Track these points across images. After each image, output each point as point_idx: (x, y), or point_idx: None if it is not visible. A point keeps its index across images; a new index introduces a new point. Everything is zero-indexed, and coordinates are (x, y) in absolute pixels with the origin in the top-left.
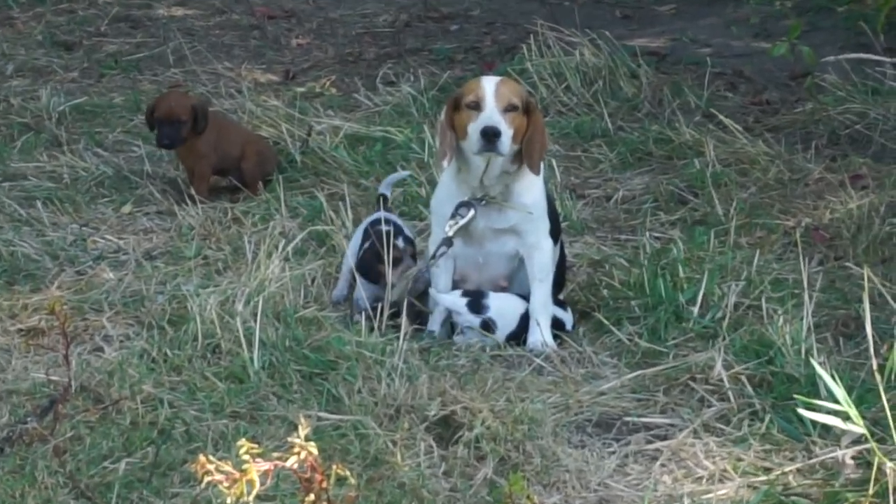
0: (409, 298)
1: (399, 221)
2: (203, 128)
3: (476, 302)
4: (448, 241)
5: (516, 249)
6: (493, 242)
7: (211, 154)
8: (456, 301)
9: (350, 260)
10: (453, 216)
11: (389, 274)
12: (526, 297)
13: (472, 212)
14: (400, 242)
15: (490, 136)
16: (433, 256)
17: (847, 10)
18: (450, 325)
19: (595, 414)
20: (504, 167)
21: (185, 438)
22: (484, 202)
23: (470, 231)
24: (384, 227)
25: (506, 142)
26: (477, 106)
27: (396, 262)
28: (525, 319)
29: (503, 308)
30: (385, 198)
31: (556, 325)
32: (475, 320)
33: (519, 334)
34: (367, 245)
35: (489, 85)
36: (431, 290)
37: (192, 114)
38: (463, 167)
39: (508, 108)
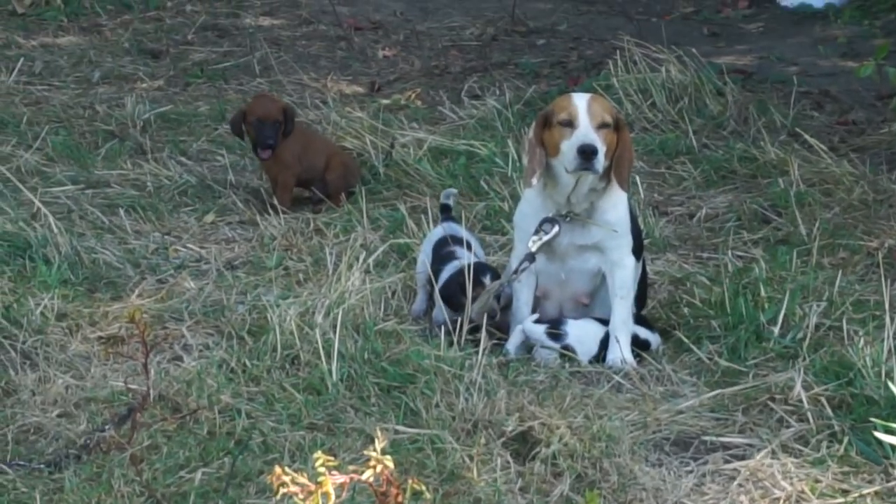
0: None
1: (468, 234)
2: (290, 130)
3: (555, 330)
4: (531, 257)
5: (599, 266)
6: (576, 259)
7: (295, 164)
8: (535, 330)
9: (422, 274)
10: (537, 232)
11: (469, 301)
12: (606, 319)
13: (556, 228)
14: (487, 280)
15: (588, 154)
16: (515, 271)
17: None
18: (526, 346)
19: (673, 432)
20: (592, 184)
21: (261, 449)
22: (569, 219)
23: (553, 247)
24: (459, 250)
25: (601, 159)
26: (570, 123)
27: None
28: (605, 344)
29: (582, 335)
30: (448, 207)
31: (641, 344)
32: (555, 346)
33: (600, 356)
34: (453, 273)
35: (581, 102)
36: (513, 319)
37: (283, 115)
38: (550, 184)
39: (601, 126)
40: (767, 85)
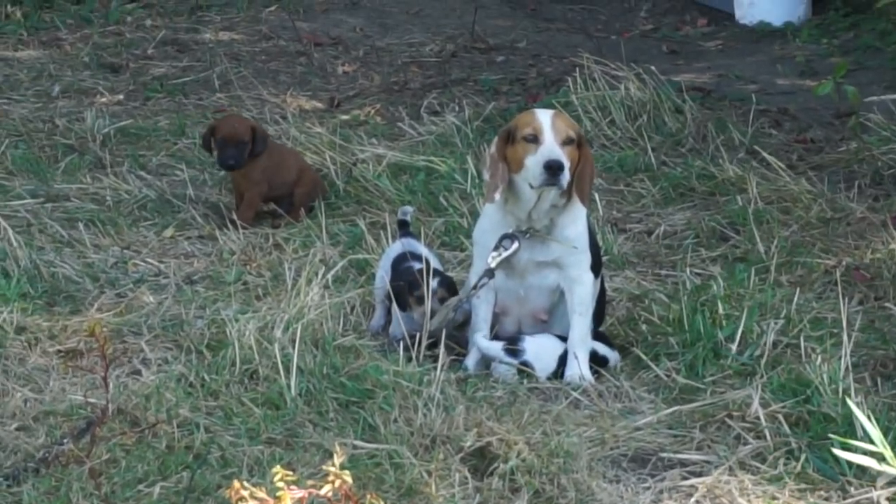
0: (447, 331)
1: (426, 250)
2: (261, 150)
3: (512, 348)
4: (490, 273)
5: (557, 283)
6: (535, 275)
7: (264, 183)
8: (492, 347)
9: (380, 289)
10: (496, 248)
11: (429, 306)
12: (564, 336)
13: (516, 244)
14: (434, 284)
15: (554, 170)
16: (475, 287)
17: (894, 49)
18: (485, 362)
19: (631, 449)
20: (553, 200)
21: (220, 463)
22: (528, 235)
23: (512, 263)
24: (418, 265)
25: (567, 174)
26: (535, 139)
27: (422, 299)
28: (563, 360)
29: (540, 351)
30: (406, 223)
31: (599, 361)
32: (513, 361)
33: (558, 373)
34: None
35: (546, 118)
36: (471, 335)
37: (251, 135)
38: (511, 199)
39: (566, 142)
40: (726, 103)
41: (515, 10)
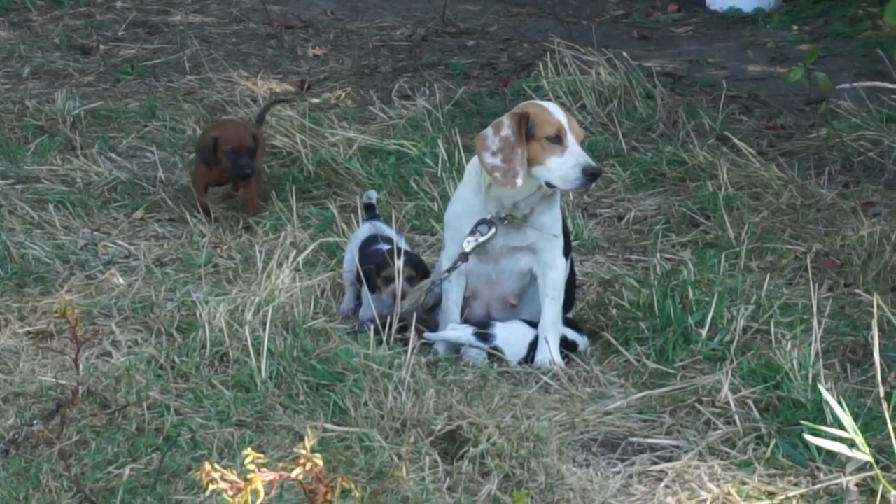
0: (418, 316)
1: (393, 233)
2: (261, 153)
3: (483, 332)
4: (465, 257)
5: (530, 267)
6: (508, 259)
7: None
8: (463, 335)
9: (349, 272)
10: (472, 233)
11: (399, 289)
12: (534, 322)
13: (492, 230)
14: (400, 263)
15: (595, 177)
16: (448, 270)
17: (864, 37)
18: (455, 346)
19: (601, 433)
20: (546, 191)
21: (190, 446)
22: (506, 221)
23: (486, 248)
24: (387, 247)
25: None
26: (559, 140)
27: (389, 280)
28: (534, 346)
29: (510, 337)
30: (372, 206)
31: (569, 346)
32: (483, 346)
33: (528, 358)
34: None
35: (564, 118)
36: (441, 321)
37: (255, 140)
38: (497, 186)
39: (581, 142)
40: (696, 88)
41: None
